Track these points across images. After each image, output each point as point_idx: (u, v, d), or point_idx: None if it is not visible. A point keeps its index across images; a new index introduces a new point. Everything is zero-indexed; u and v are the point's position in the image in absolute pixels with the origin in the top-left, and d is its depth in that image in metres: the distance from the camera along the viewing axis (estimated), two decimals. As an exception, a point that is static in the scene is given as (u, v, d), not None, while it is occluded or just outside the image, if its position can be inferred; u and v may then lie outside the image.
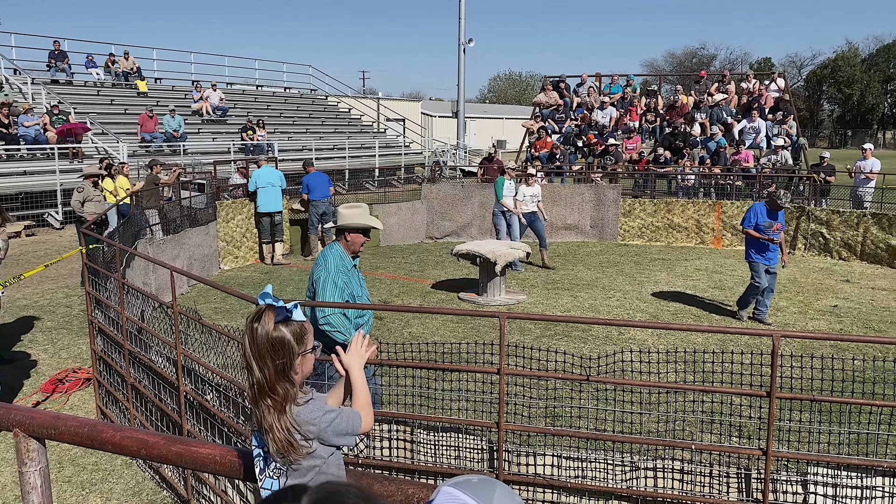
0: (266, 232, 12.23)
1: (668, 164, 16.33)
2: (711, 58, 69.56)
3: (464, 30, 28.59)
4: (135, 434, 2.01)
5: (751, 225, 8.53)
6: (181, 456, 1.92)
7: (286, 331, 1.89)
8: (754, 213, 8.56)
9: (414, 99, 53.55)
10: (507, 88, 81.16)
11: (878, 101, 60.52)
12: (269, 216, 12.11)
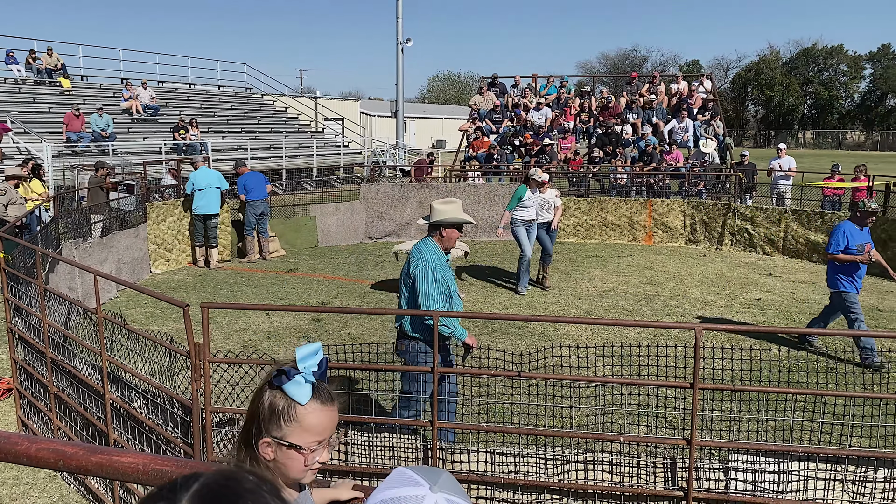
0: (200, 235, 11.86)
1: (602, 163, 16.71)
2: (643, 59, 71.51)
3: (401, 29, 28.58)
4: (51, 445, 1.94)
5: (839, 249, 7.11)
6: (101, 466, 1.86)
7: (266, 398, 1.58)
8: (843, 235, 7.11)
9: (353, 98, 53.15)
10: (446, 88, 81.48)
11: (798, 102, 63.36)
12: (204, 219, 11.75)
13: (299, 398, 1.54)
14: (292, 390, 1.55)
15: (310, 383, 1.56)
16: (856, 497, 3.15)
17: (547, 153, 16.97)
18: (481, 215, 15.15)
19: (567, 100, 19.43)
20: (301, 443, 1.55)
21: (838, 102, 63.38)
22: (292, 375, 1.55)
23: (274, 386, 1.56)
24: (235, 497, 0.87)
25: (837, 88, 63.54)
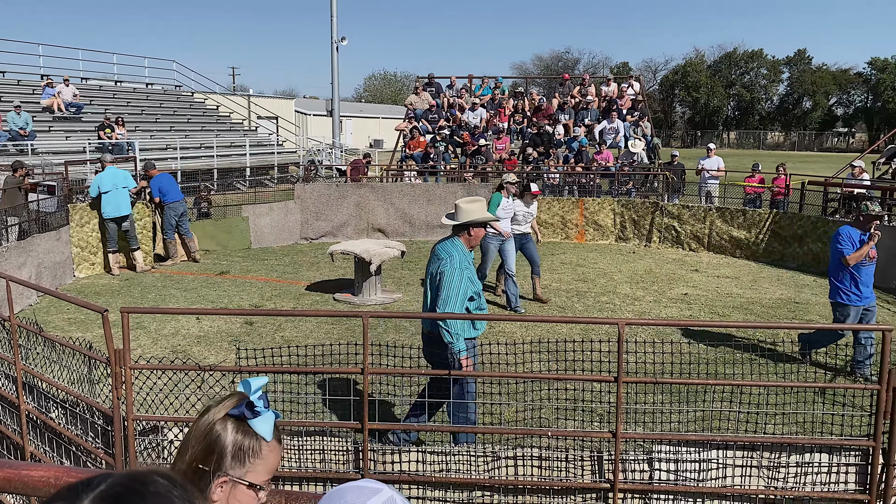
0: (113, 240, 11.16)
1: (535, 163, 16.97)
2: (575, 61, 72.96)
3: (336, 28, 28.31)
4: (-46, 461, 1.85)
5: (852, 252, 6.57)
6: (9, 481, 1.79)
7: (228, 433, 1.43)
8: (849, 240, 6.60)
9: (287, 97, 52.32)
10: (383, 88, 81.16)
11: (722, 104, 65.86)
12: (115, 222, 11.10)
13: (267, 434, 1.43)
14: (260, 426, 1.43)
15: (273, 417, 1.46)
16: (771, 482, 3.30)
17: (482, 153, 17.12)
18: (418, 215, 15.17)
19: (501, 101, 19.65)
20: (259, 481, 1.44)
21: (759, 104, 66.19)
22: (259, 409, 1.44)
23: (237, 419, 1.43)
24: (140, 499, 0.84)
25: (758, 91, 66.34)
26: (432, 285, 4.50)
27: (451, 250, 4.47)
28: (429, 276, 4.59)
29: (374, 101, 74.71)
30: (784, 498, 3.28)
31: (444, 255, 4.45)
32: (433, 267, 4.54)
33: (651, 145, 17.31)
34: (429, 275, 4.60)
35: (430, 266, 4.64)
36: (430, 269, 4.60)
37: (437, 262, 4.47)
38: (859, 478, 3.30)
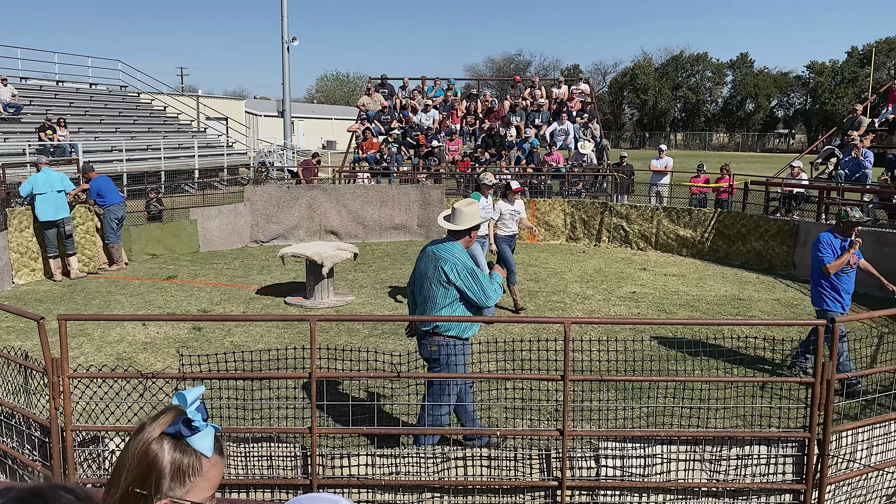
0: (52, 245, 10.75)
1: (488, 165, 17.08)
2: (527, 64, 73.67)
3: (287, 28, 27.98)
4: None
5: (831, 260, 6.40)
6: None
7: (166, 452, 1.34)
8: (829, 247, 6.43)
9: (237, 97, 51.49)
10: (335, 89, 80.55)
11: (669, 106, 67.42)
12: (53, 225, 10.68)
13: (207, 450, 1.35)
14: (200, 443, 1.35)
15: (213, 431, 1.38)
16: (713, 475, 3.40)
17: (435, 155, 17.16)
18: (371, 217, 15.10)
19: (454, 102, 19.71)
20: (201, 499, 1.36)
21: (705, 106, 67.97)
22: (197, 425, 1.36)
23: (173, 437, 1.34)
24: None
25: (704, 93, 68.12)
26: (427, 284, 4.59)
27: (451, 250, 4.59)
28: (420, 276, 4.67)
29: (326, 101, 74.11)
30: (725, 490, 3.38)
31: (447, 258, 4.55)
32: (429, 267, 4.60)
33: (600, 146, 17.60)
34: (420, 275, 4.68)
35: (422, 266, 4.70)
36: (422, 270, 4.67)
37: (438, 262, 4.54)
38: (796, 468, 3.42)
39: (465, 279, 4.46)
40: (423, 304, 4.64)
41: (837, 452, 3.44)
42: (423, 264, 4.71)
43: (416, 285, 4.79)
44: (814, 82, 63.63)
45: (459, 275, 4.47)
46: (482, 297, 4.49)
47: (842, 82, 60.67)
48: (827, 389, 3.32)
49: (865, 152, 12.80)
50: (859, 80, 57.05)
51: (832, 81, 61.66)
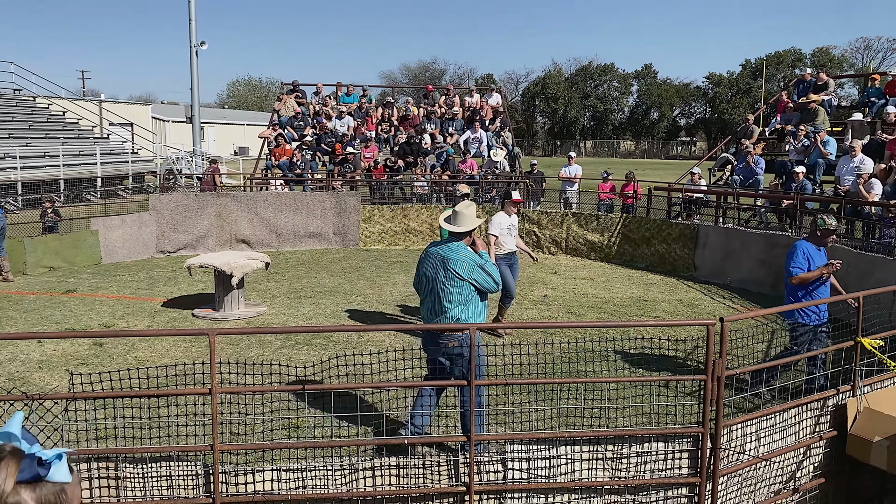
0: None
1: (403, 172, 17.11)
2: (442, 72, 74.37)
3: (195, 31, 27.16)
4: None
5: (803, 271, 6.12)
6: None
7: (28, 498, 1.25)
8: (804, 256, 6.16)
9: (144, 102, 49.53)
10: (248, 94, 78.66)
11: (579, 115, 69.56)
12: None
13: (66, 477, 1.28)
14: (58, 474, 1.27)
15: (63, 457, 1.30)
16: (615, 473, 3.52)
17: (350, 162, 17.02)
18: (285, 225, 14.83)
19: (368, 109, 19.64)
20: None
21: (612, 115, 70.50)
22: (47, 458, 1.27)
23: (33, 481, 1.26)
24: None
25: (611, 102, 70.66)
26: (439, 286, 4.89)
27: (457, 250, 4.92)
28: (427, 279, 4.97)
29: (238, 107, 72.29)
30: (626, 487, 3.51)
31: (454, 256, 4.88)
32: (438, 269, 4.90)
33: (512, 154, 17.94)
34: (427, 278, 4.98)
35: (428, 269, 4.99)
36: (429, 273, 4.96)
37: (448, 263, 4.86)
38: (691, 462, 3.59)
39: (477, 274, 4.85)
40: (437, 305, 4.92)
41: (728, 445, 3.63)
42: (428, 267, 4.99)
43: (424, 288, 5.07)
44: (712, 93, 67.14)
45: (472, 271, 4.84)
46: (493, 285, 4.93)
47: (737, 93, 64.30)
48: (718, 386, 3.51)
49: (757, 159, 13.60)
50: (753, 91, 60.63)
51: (729, 92, 65.25)
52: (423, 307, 5.12)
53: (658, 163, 53.08)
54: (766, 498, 3.88)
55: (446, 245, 5.00)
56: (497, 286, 4.98)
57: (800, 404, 3.91)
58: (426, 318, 5.09)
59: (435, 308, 4.95)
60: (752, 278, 11.42)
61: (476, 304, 4.94)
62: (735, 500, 3.78)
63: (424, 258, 5.08)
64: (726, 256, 11.87)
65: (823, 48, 63.30)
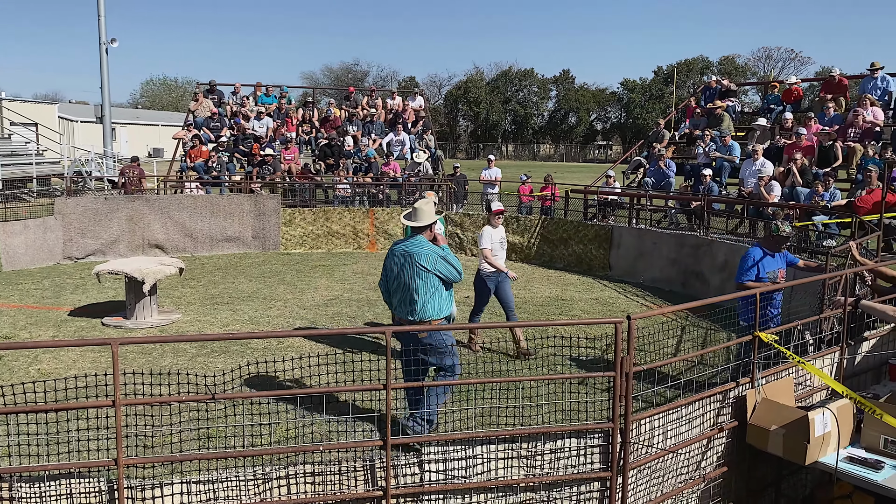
0: None
1: (325, 174, 16.92)
2: (365, 74, 73.94)
3: (105, 28, 25.99)
4: None
5: (751, 278, 6.24)
6: None
7: None
8: (753, 263, 6.24)
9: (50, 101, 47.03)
10: (163, 94, 75.89)
11: (500, 118, 70.58)
12: None
13: None
14: None
15: None
16: (530, 470, 3.60)
17: (270, 164, 16.69)
18: (201, 229, 14.40)
19: (288, 110, 19.32)
20: None
21: (532, 119, 71.86)
22: None
23: None
24: None
25: (531, 107, 72.00)
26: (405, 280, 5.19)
27: (420, 244, 5.21)
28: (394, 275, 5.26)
29: (152, 107, 69.71)
30: (541, 484, 3.60)
31: (417, 251, 5.16)
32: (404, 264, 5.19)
33: (435, 157, 18.04)
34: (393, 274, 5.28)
35: (393, 265, 5.29)
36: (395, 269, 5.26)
37: (413, 257, 5.14)
38: (602, 457, 3.71)
39: (441, 265, 5.17)
40: (405, 299, 5.23)
41: (638, 439, 3.77)
42: (394, 264, 5.31)
43: (391, 284, 5.37)
44: (627, 98, 69.42)
45: (436, 263, 5.15)
46: (456, 275, 5.23)
47: (650, 98, 66.74)
48: (626, 382, 3.64)
49: (668, 162, 14.17)
50: (665, 96, 63.05)
51: (643, 97, 67.63)
52: (393, 300, 5.42)
53: (576, 166, 54.49)
54: (673, 488, 4.05)
55: (409, 241, 5.31)
56: (460, 276, 5.27)
57: (703, 397, 4.10)
58: (397, 311, 5.40)
59: (404, 301, 5.26)
60: (663, 277, 11.89)
61: (442, 294, 5.27)
62: (644, 491, 3.93)
63: (390, 256, 5.40)
64: (639, 256, 12.32)
65: (729, 56, 66.61)
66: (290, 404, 5.03)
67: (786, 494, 4.73)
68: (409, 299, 5.21)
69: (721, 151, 13.76)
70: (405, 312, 5.27)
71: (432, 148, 18.33)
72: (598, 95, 71.79)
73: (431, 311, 5.20)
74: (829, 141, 12.45)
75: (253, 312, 9.76)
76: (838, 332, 5.12)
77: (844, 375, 5.06)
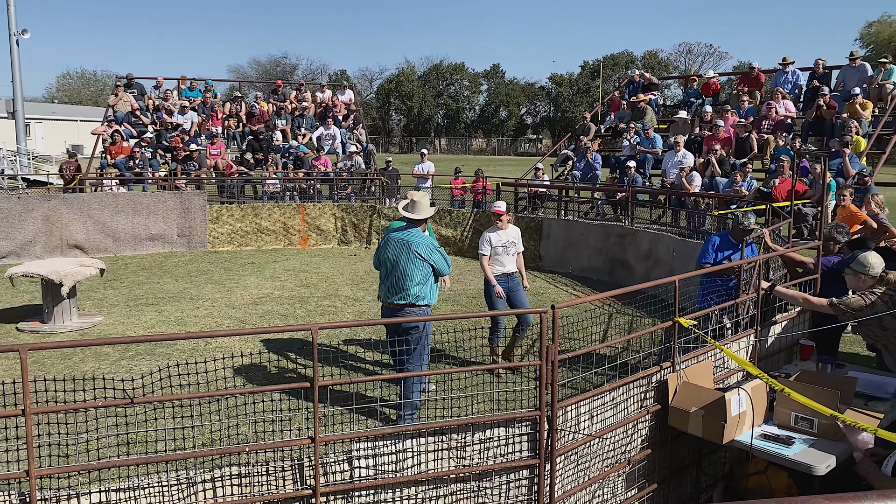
0: None
1: (253, 169, 16.57)
2: (294, 67, 72.73)
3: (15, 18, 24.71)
4: None
5: (705, 262, 6.40)
6: None
7: None
8: (711, 248, 6.43)
9: (-47, 95, 44.30)
10: (81, 88, 72.61)
11: (433, 112, 70.70)
12: None
13: None
14: None
15: None
16: (460, 461, 3.63)
17: (195, 160, 16.22)
18: (123, 228, 13.88)
19: (213, 104, 18.80)
20: None
21: (464, 113, 72.27)
22: None
23: None
24: None
25: (463, 101, 72.39)
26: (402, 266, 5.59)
27: (417, 234, 5.66)
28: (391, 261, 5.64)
29: (70, 102, 66.62)
30: (471, 474, 3.64)
31: (416, 240, 5.60)
32: (401, 251, 5.59)
33: (367, 151, 17.92)
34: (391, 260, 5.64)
35: (390, 252, 5.66)
36: (392, 255, 5.63)
37: (411, 246, 5.56)
38: (531, 445, 3.78)
39: (435, 255, 5.65)
40: (398, 284, 5.61)
41: (564, 426, 3.86)
42: (391, 251, 5.68)
43: (384, 269, 5.75)
44: (555, 92, 70.63)
45: (431, 253, 5.62)
46: (445, 268, 5.74)
47: (578, 92, 68.11)
48: (552, 370, 3.72)
49: (595, 155, 14.50)
50: (592, 90, 64.48)
51: (570, 92, 68.94)
52: (383, 287, 5.77)
53: (508, 159, 55.12)
54: (600, 472, 4.17)
55: (407, 231, 5.71)
56: (449, 269, 5.77)
57: (627, 382, 4.23)
58: (386, 297, 5.74)
59: (396, 286, 5.63)
60: (590, 266, 12.19)
61: (431, 283, 5.71)
62: (573, 476, 4.02)
63: (386, 243, 5.78)
64: (568, 247, 12.58)
65: (652, 51, 68.63)
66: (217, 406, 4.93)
67: (706, 472, 4.94)
68: (401, 285, 5.60)
69: (644, 144, 14.17)
70: (396, 297, 5.63)
71: (364, 142, 18.20)
72: (528, 89, 72.78)
73: (423, 296, 5.61)
74: (745, 133, 13.00)
75: (179, 313, 9.49)
76: (753, 315, 5.36)
77: (759, 356, 5.31)
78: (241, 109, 18.89)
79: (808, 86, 13.92)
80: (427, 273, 5.64)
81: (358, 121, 18.86)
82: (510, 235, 7.25)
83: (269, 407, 4.77)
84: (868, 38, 58.93)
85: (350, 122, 18.69)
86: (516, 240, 7.30)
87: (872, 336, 4.65)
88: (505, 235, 7.23)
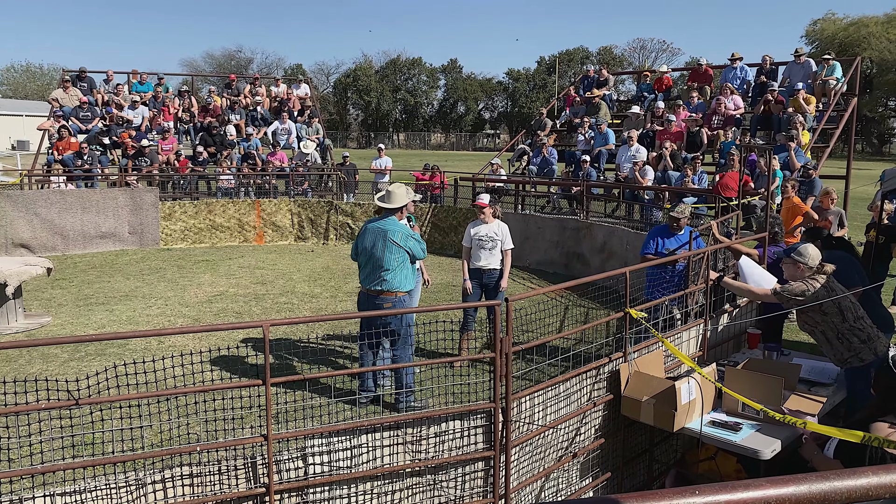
0: None
1: (206, 164, 16.27)
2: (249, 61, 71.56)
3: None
4: None
5: (649, 251, 6.74)
6: None
7: None
8: (652, 238, 6.81)
9: None
10: (27, 82, 70.24)
11: (391, 107, 70.37)
12: None
13: None
14: None
15: None
16: (415, 455, 3.65)
17: (146, 155, 15.85)
18: (72, 226, 13.50)
19: (165, 99, 18.38)
20: None
21: (422, 108, 72.13)
22: None
23: None
24: None
25: (421, 96, 72.22)
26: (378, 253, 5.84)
27: (393, 223, 5.92)
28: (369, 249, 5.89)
29: (14, 96, 64.46)
30: (427, 468, 3.66)
31: (392, 228, 5.86)
32: (378, 240, 5.84)
33: (323, 146, 17.76)
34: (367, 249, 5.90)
35: (367, 241, 5.92)
36: (369, 244, 5.88)
37: (387, 234, 5.82)
38: (486, 437, 3.81)
39: (411, 243, 5.89)
40: (375, 271, 5.88)
41: (519, 417, 3.90)
42: (368, 240, 5.93)
43: (363, 257, 5.98)
44: (512, 87, 71.00)
45: (407, 240, 5.87)
46: (421, 253, 6.00)
47: (534, 88, 68.57)
48: (506, 362, 3.76)
49: (550, 150, 14.64)
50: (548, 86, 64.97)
51: (527, 87, 69.37)
52: (363, 273, 6.03)
53: (466, 154, 55.22)
54: (554, 462, 4.23)
55: (383, 220, 5.95)
56: (424, 254, 6.01)
57: (580, 373, 4.29)
58: (365, 283, 5.99)
59: (374, 273, 5.90)
60: (547, 259, 12.32)
61: (408, 269, 5.92)
62: (527, 467, 4.07)
63: (363, 232, 6.02)
64: (525, 240, 12.68)
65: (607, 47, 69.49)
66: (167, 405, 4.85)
67: (658, 460, 5.05)
68: (378, 272, 5.86)
69: (598, 138, 14.36)
70: (374, 283, 5.90)
71: (321, 137, 18.03)
72: (486, 85, 72.98)
73: (399, 282, 5.86)
74: (696, 127, 13.28)
75: (131, 312, 9.28)
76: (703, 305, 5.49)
77: (709, 345, 5.45)
78: (193, 105, 18.51)
79: (756, 81, 14.28)
80: (402, 259, 5.85)
81: (314, 115, 18.67)
82: (492, 229, 7.13)
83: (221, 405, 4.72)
84: (813, 35, 60.82)
85: (306, 117, 18.49)
86: (500, 236, 7.12)
87: (812, 323, 4.81)
88: (486, 229, 7.13)
